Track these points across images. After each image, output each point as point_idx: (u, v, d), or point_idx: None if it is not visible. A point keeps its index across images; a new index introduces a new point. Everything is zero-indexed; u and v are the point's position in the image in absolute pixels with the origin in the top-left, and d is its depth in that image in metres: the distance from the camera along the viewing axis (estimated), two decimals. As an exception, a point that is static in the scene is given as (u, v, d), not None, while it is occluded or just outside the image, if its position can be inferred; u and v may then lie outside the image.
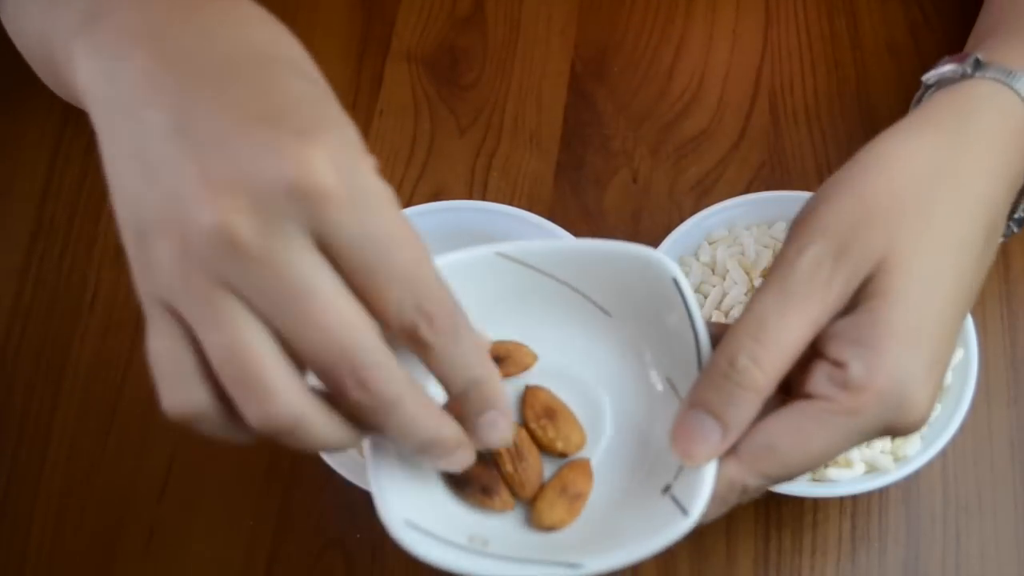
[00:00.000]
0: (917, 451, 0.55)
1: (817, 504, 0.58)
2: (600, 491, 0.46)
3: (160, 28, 0.39)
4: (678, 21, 0.72)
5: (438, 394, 0.43)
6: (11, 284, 0.65)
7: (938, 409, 0.56)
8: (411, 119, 0.69)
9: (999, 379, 0.61)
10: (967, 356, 0.57)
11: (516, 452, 0.46)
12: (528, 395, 0.47)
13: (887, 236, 0.43)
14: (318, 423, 0.38)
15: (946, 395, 0.57)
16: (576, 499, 0.45)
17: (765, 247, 0.60)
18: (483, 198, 0.66)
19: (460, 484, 0.45)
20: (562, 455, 0.46)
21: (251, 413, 0.37)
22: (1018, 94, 0.50)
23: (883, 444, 0.55)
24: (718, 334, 0.45)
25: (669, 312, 0.46)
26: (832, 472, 0.55)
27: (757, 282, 0.59)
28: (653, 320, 0.47)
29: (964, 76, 0.51)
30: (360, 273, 0.37)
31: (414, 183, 0.67)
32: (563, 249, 0.48)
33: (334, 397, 0.38)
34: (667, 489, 0.43)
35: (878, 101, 0.69)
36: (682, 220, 0.61)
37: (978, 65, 0.51)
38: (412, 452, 0.41)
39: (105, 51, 0.40)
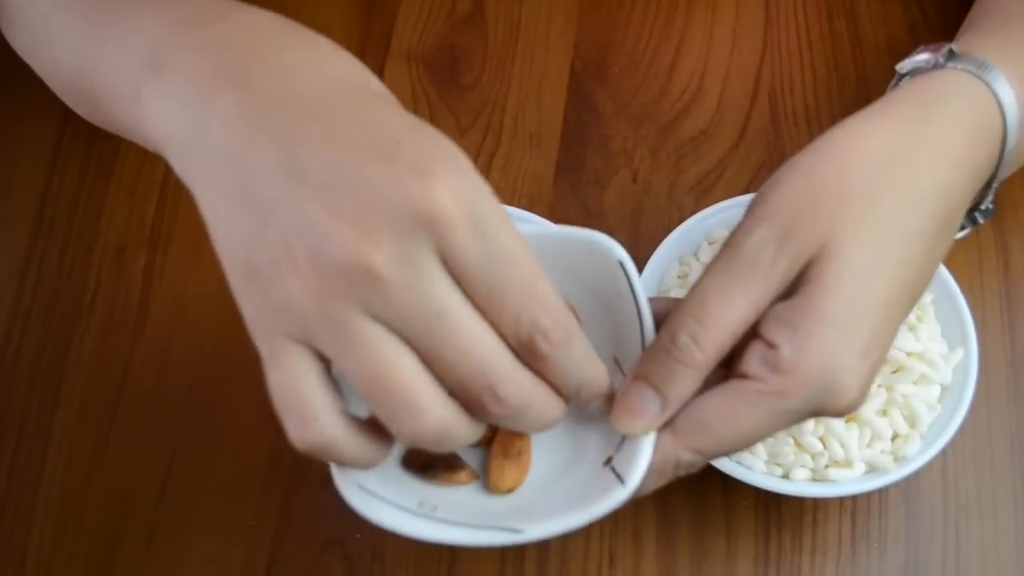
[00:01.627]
0: (917, 451, 0.55)
1: (817, 504, 0.58)
2: (546, 464, 0.48)
3: (242, 72, 0.40)
4: (678, 21, 0.72)
5: None
6: (11, 284, 0.65)
7: (938, 409, 0.56)
8: (411, 119, 0.69)
9: (999, 379, 0.61)
10: (967, 356, 0.57)
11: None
12: None
13: (830, 221, 0.44)
14: (459, 432, 0.40)
15: (946, 395, 0.57)
16: (520, 456, 0.47)
17: (765, 247, 0.60)
18: (483, 198, 0.66)
19: (424, 467, 0.47)
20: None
21: (402, 428, 0.39)
22: (988, 86, 0.50)
23: (883, 444, 0.55)
24: (664, 308, 0.46)
25: (616, 294, 0.47)
26: (832, 472, 0.55)
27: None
28: (601, 302, 0.48)
29: (936, 66, 0.51)
30: (482, 292, 0.39)
31: (414, 183, 0.67)
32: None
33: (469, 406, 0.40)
34: (608, 461, 0.45)
35: (878, 101, 0.69)
36: (682, 220, 0.61)
37: (951, 55, 0.51)
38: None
39: (186, 97, 0.40)
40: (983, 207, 0.55)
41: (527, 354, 0.40)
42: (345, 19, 0.72)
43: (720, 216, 0.62)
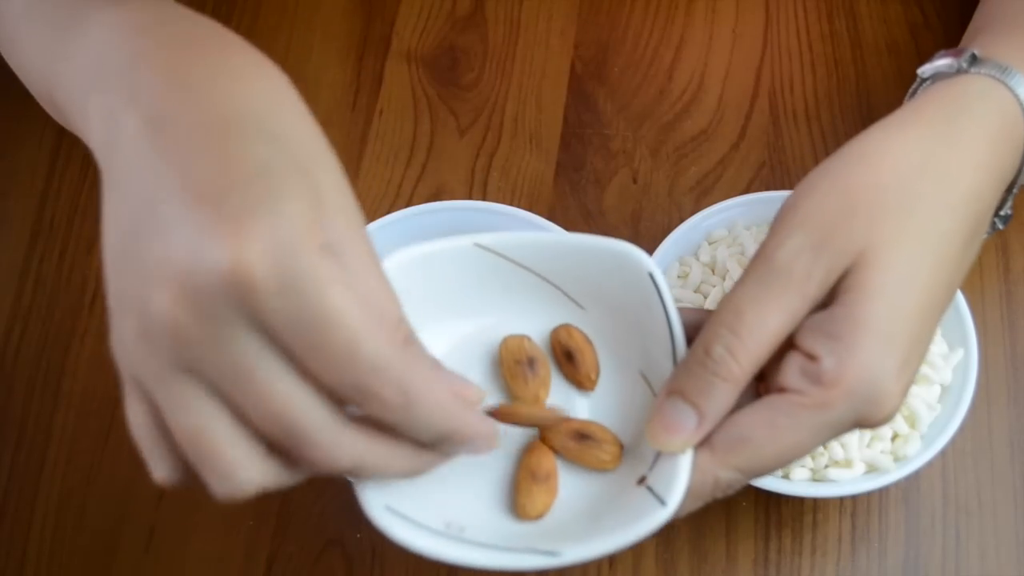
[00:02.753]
0: (917, 451, 0.55)
1: (817, 504, 0.58)
2: (575, 482, 0.46)
3: (149, 89, 0.39)
4: (678, 21, 0.72)
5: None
6: (11, 284, 0.65)
7: (938, 409, 0.56)
8: (411, 119, 0.69)
9: (999, 379, 0.61)
10: (967, 356, 0.57)
11: (528, 364, 0.47)
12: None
13: (868, 230, 0.43)
14: (280, 483, 0.39)
15: (946, 395, 0.56)
16: (548, 479, 0.45)
17: (765, 247, 0.60)
18: (483, 198, 0.66)
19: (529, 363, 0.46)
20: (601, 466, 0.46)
21: (215, 490, 0.39)
22: (1012, 91, 0.50)
23: (883, 444, 0.55)
24: (695, 320, 0.45)
25: (644, 306, 0.46)
26: (832, 472, 0.54)
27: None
28: (628, 314, 0.47)
29: (959, 71, 0.51)
30: (297, 356, 0.37)
31: (414, 183, 0.67)
32: (540, 242, 0.48)
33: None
34: (642, 480, 0.44)
35: (878, 101, 0.69)
36: (682, 220, 0.61)
37: (974, 60, 0.51)
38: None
39: (106, 116, 0.40)
40: (1003, 212, 0.55)
41: (367, 414, 0.39)
42: (345, 19, 0.72)
43: (720, 216, 0.62)
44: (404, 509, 0.43)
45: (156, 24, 0.43)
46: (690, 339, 0.45)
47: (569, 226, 0.60)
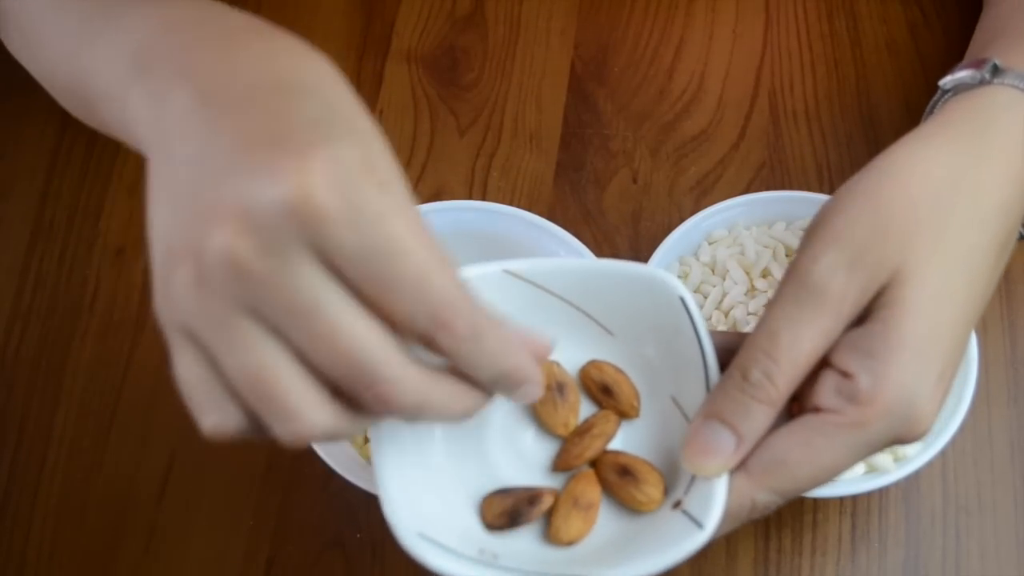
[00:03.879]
0: (917, 451, 0.55)
1: (817, 504, 0.58)
2: (610, 507, 0.46)
3: (200, 69, 0.40)
4: (678, 21, 0.72)
5: None
6: (11, 284, 0.65)
7: (938, 409, 0.56)
8: (411, 119, 0.69)
9: (999, 379, 0.61)
10: (967, 356, 0.57)
11: (558, 389, 0.46)
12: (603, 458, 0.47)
13: (902, 247, 0.43)
14: (344, 429, 0.38)
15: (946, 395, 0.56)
16: (589, 509, 0.45)
17: (765, 247, 0.60)
18: (483, 198, 0.66)
19: (512, 523, 0.45)
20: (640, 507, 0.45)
21: (280, 432, 0.38)
22: None
23: (883, 444, 0.55)
24: (726, 343, 0.45)
25: (675, 331, 0.46)
26: (832, 472, 0.55)
27: (757, 282, 0.59)
28: (658, 339, 0.47)
29: (983, 82, 0.51)
30: (368, 288, 0.37)
31: (414, 183, 0.67)
32: (568, 268, 0.48)
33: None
34: (678, 504, 0.43)
35: (878, 101, 0.69)
36: (682, 220, 0.61)
37: (996, 71, 0.51)
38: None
39: (156, 97, 0.40)
40: None
41: (430, 348, 0.38)
42: (345, 19, 0.72)
43: (720, 216, 0.62)
44: (437, 536, 0.42)
45: (200, 20, 0.43)
46: (721, 361, 0.45)
47: (569, 226, 0.60)
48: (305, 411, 0.37)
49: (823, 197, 0.62)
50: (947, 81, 0.54)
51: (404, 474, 0.43)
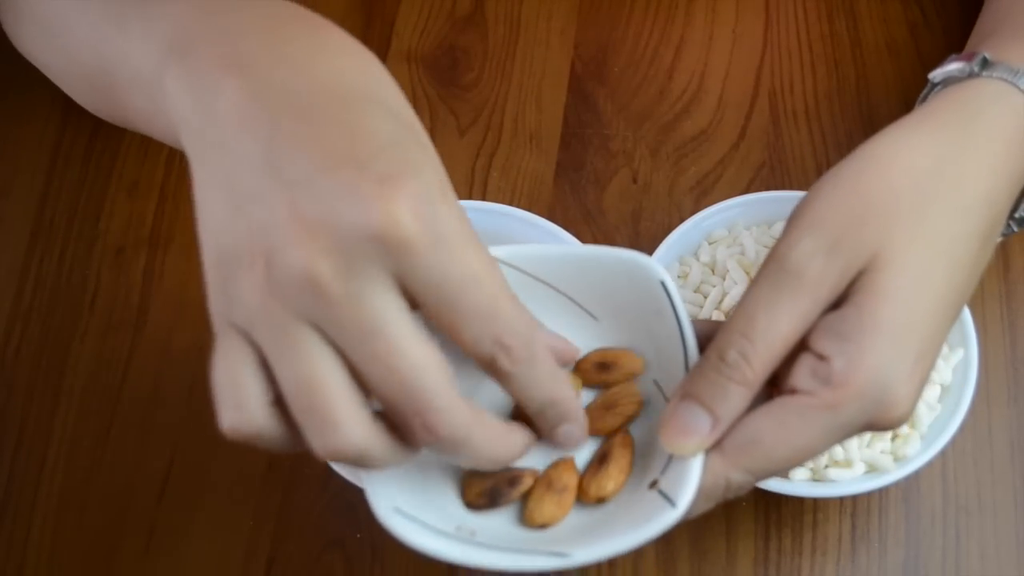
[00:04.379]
0: (917, 451, 0.55)
1: (817, 504, 0.58)
2: None
3: (253, 59, 0.40)
4: (678, 21, 0.72)
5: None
6: (11, 284, 0.65)
7: (938, 409, 0.56)
8: (411, 119, 0.69)
9: (999, 379, 0.61)
10: (967, 356, 0.57)
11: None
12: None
13: (881, 232, 0.43)
14: (378, 454, 0.39)
15: (946, 395, 0.56)
16: (564, 492, 0.45)
17: (765, 247, 0.60)
18: (483, 198, 0.66)
19: (491, 504, 0.45)
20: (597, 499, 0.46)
21: (317, 443, 0.38)
22: None
23: (883, 444, 0.55)
24: (707, 331, 0.45)
25: (656, 315, 0.46)
26: (832, 472, 0.54)
27: (757, 282, 0.59)
28: (640, 323, 0.47)
29: (971, 75, 0.51)
30: (440, 312, 0.39)
31: (414, 183, 0.67)
32: (552, 254, 0.49)
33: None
34: (654, 484, 0.44)
35: (878, 101, 0.69)
36: (682, 220, 0.61)
37: (985, 64, 0.51)
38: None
39: (199, 82, 0.40)
40: (1017, 214, 0.55)
41: (488, 370, 0.40)
42: (345, 19, 0.72)
43: (720, 216, 0.62)
44: (415, 512, 0.43)
45: (241, 4, 0.43)
46: (702, 348, 0.45)
47: (569, 226, 0.60)
48: (347, 425, 0.38)
49: (823, 197, 0.62)
50: (936, 74, 0.54)
51: None
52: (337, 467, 0.53)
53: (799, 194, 0.62)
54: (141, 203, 0.67)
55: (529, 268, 0.48)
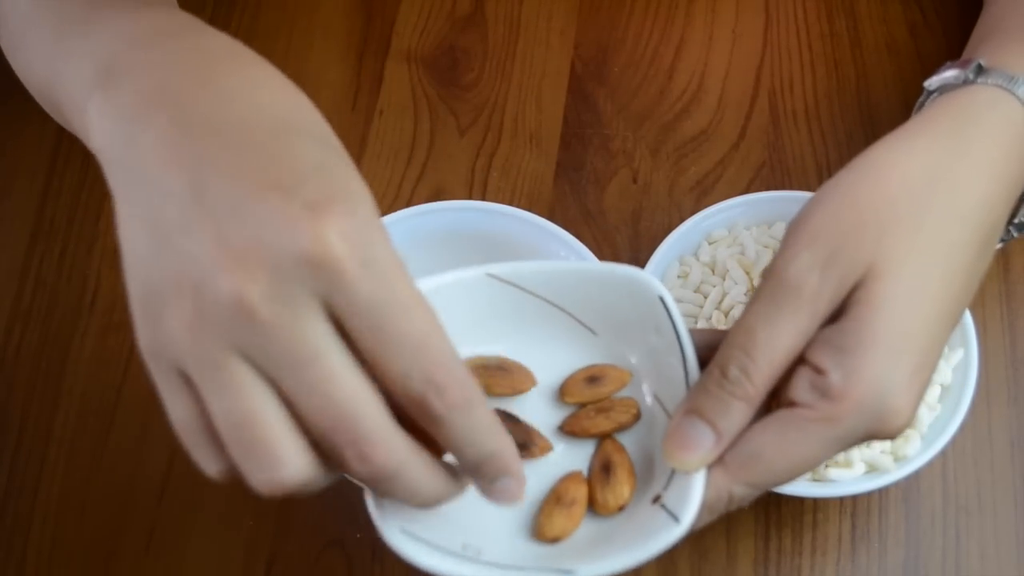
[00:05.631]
0: (917, 451, 0.55)
1: (817, 504, 0.58)
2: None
3: (179, 92, 0.40)
4: (678, 21, 0.72)
5: None
6: (11, 284, 0.65)
7: (938, 409, 0.56)
8: (411, 119, 0.69)
9: (999, 379, 0.61)
10: (967, 356, 0.57)
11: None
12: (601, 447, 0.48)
13: (876, 243, 0.43)
14: (317, 483, 0.38)
15: (946, 395, 0.56)
16: (573, 505, 0.45)
17: (765, 247, 0.60)
18: (483, 198, 0.66)
19: None
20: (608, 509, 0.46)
21: (256, 480, 0.37)
22: (1020, 100, 0.49)
23: (883, 444, 0.55)
24: (707, 340, 0.45)
25: (656, 330, 0.47)
26: (832, 472, 0.54)
27: (757, 282, 0.59)
28: (640, 338, 0.48)
29: (966, 82, 0.51)
30: (369, 342, 0.37)
31: (414, 183, 0.67)
32: (552, 270, 0.49)
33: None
34: (657, 499, 0.44)
35: (878, 101, 0.69)
36: (682, 220, 0.61)
37: (980, 71, 0.51)
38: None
39: (124, 114, 0.40)
40: (1017, 220, 0.55)
41: (419, 413, 0.38)
42: (345, 19, 0.72)
43: (720, 216, 0.62)
44: (420, 532, 0.43)
45: (174, 34, 0.43)
46: (702, 358, 0.45)
47: (569, 226, 0.60)
48: (284, 461, 0.37)
49: (823, 197, 0.62)
50: (932, 81, 0.54)
51: None
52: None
53: (799, 194, 0.62)
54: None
55: (527, 285, 0.48)
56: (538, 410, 0.48)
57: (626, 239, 0.65)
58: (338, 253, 0.36)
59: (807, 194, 0.62)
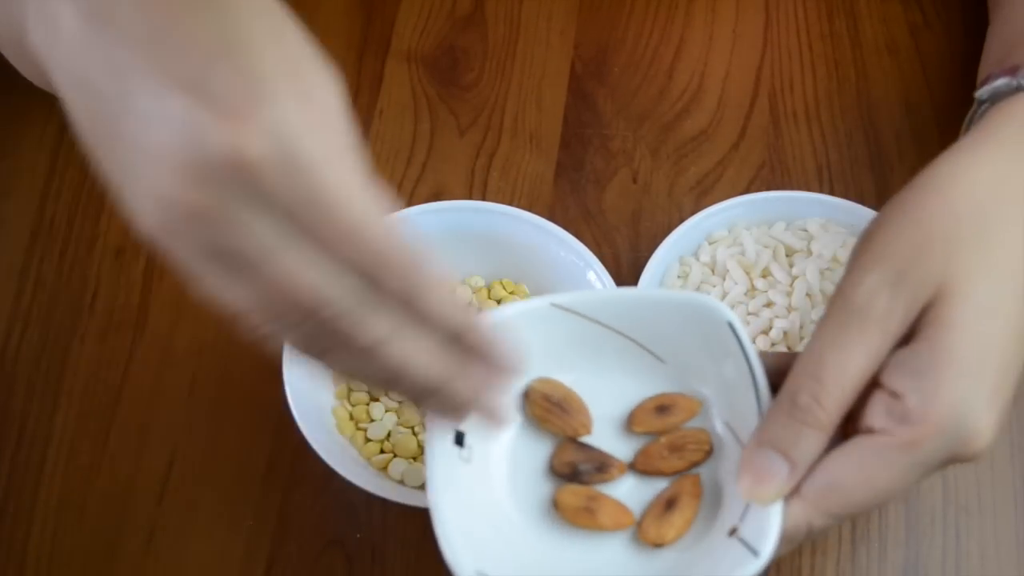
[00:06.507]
0: (917, 451, 0.55)
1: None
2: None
3: None
4: (678, 21, 0.72)
5: None
6: (11, 284, 0.64)
7: (938, 409, 0.56)
8: (411, 119, 0.69)
9: (999, 379, 0.60)
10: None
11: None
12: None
13: (945, 261, 0.42)
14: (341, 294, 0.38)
15: (946, 395, 0.56)
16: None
17: (765, 247, 0.60)
18: (483, 198, 0.66)
19: (573, 475, 0.46)
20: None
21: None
22: None
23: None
24: (776, 364, 0.45)
25: (725, 356, 0.46)
26: (832, 472, 0.54)
27: (757, 282, 0.59)
28: (709, 365, 0.47)
29: (1019, 89, 0.51)
30: (310, 235, 0.36)
31: (414, 183, 0.67)
32: (616, 298, 0.49)
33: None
34: (733, 531, 0.43)
35: (878, 101, 0.69)
36: (682, 220, 0.61)
37: None
38: (415, 403, 0.41)
39: (42, 15, 0.39)
40: None
41: (383, 300, 0.38)
42: (345, 19, 0.72)
43: (720, 216, 0.62)
44: (495, 572, 0.42)
45: None
46: (773, 383, 0.44)
47: (569, 226, 0.60)
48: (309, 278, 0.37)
49: (823, 197, 0.62)
50: (983, 92, 0.53)
51: (459, 507, 0.44)
52: (337, 467, 0.53)
53: (799, 194, 0.62)
54: (141, 203, 0.67)
55: (592, 313, 0.48)
56: (607, 439, 0.48)
57: (626, 239, 0.65)
58: (252, 157, 0.35)
59: (807, 194, 0.62)
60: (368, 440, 0.57)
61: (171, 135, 0.35)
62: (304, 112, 0.36)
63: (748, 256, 0.60)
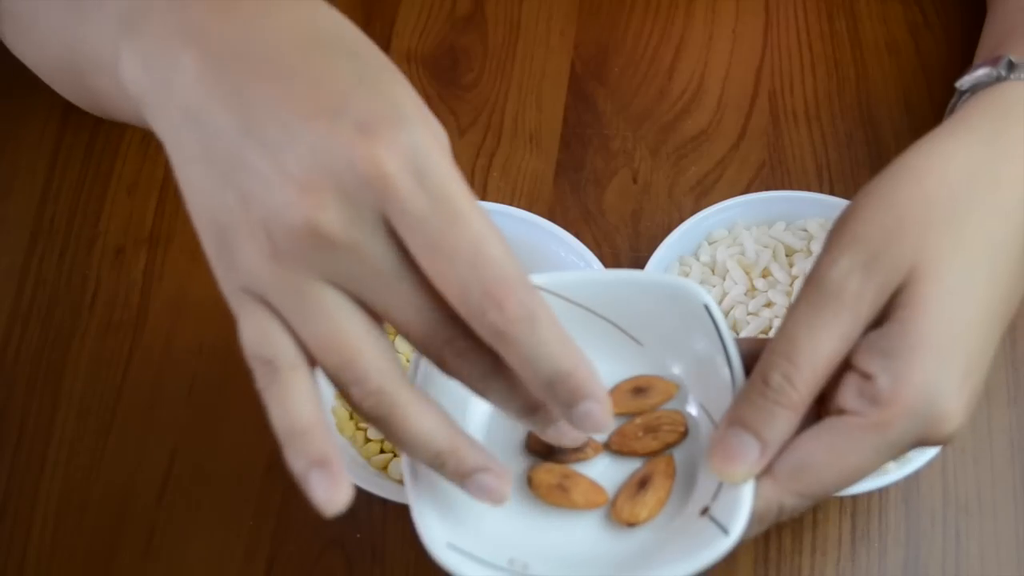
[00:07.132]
0: (917, 451, 0.55)
1: (817, 504, 0.58)
2: None
3: (202, 26, 0.40)
4: (678, 21, 0.72)
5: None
6: (11, 284, 0.65)
7: (938, 409, 0.56)
8: (411, 119, 0.69)
9: (999, 379, 0.60)
10: (967, 356, 0.57)
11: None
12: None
13: (917, 244, 0.42)
14: (412, 410, 0.39)
15: (946, 395, 0.56)
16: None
17: (765, 247, 0.60)
18: (483, 198, 0.66)
19: (548, 452, 0.46)
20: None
21: (353, 392, 0.38)
22: None
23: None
24: (752, 349, 0.45)
25: (701, 338, 0.46)
26: (832, 472, 0.54)
27: (757, 282, 0.59)
28: (685, 347, 0.47)
29: (999, 79, 0.51)
30: (426, 258, 0.38)
31: (414, 183, 0.67)
32: (595, 280, 0.49)
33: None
34: (705, 511, 0.44)
35: (878, 101, 0.69)
36: (682, 220, 0.61)
37: (1011, 67, 0.51)
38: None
39: (153, 59, 0.40)
40: None
41: (484, 332, 0.38)
42: (345, 19, 0.72)
43: (720, 216, 0.62)
44: (466, 546, 0.43)
45: None
46: (748, 367, 0.45)
47: (569, 226, 0.60)
48: (375, 372, 0.38)
49: (823, 197, 0.62)
50: (964, 81, 0.53)
51: (433, 485, 0.44)
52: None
53: (799, 194, 0.62)
54: (141, 203, 0.67)
55: (571, 295, 0.48)
56: None
57: (626, 239, 0.65)
58: (390, 169, 0.37)
59: (807, 194, 0.62)
60: (368, 440, 0.57)
61: (305, 157, 0.37)
62: (432, 137, 0.38)
63: (748, 256, 0.60)
